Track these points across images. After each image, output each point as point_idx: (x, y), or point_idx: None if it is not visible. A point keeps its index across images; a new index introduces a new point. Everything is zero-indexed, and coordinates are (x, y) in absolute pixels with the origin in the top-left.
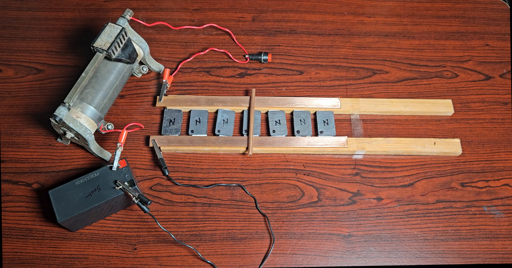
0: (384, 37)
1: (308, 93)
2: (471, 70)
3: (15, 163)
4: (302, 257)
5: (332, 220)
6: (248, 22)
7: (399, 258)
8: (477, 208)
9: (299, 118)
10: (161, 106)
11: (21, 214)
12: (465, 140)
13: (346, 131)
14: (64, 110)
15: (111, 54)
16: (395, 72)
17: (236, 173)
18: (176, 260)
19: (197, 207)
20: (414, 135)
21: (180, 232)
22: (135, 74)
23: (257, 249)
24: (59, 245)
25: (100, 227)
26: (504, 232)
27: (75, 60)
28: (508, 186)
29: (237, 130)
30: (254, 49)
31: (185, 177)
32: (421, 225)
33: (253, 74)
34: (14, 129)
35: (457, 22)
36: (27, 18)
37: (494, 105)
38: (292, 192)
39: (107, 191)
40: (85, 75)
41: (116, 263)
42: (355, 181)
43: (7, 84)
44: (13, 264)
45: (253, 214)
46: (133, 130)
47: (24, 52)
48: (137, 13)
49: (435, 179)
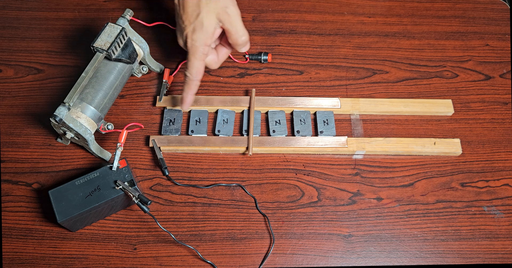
0: (384, 37)
1: (308, 93)
2: (471, 70)
3: (15, 163)
4: (302, 257)
5: (332, 220)
6: (248, 22)
7: (399, 258)
8: (477, 208)
9: (299, 118)
10: (161, 106)
11: (21, 214)
12: (465, 140)
13: (346, 131)
14: (64, 110)
15: (111, 54)
16: (395, 72)
17: (236, 173)
18: (176, 260)
19: (197, 207)
20: (414, 135)
21: (180, 232)
22: (135, 74)
23: (257, 249)
24: (59, 245)
25: (100, 227)
26: (504, 232)
27: (75, 60)
28: (508, 186)
29: (237, 130)
30: (254, 49)
31: (185, 177)
32: (421, 225)
33: (253, 74)
34: (14, 129)
35: (457, 22)
36: (27, 18)
37: (494, 105)
38: (292, 192)
39: (107, 191)
40: (85, 75)
41: (116, 263)
42: (355, 181)
43: (7, 84)
44: (13, 264)
45: (253, 214)
46: (133, 130)
47: (24, 52)
48: (137, 13)
49: (435, 179)
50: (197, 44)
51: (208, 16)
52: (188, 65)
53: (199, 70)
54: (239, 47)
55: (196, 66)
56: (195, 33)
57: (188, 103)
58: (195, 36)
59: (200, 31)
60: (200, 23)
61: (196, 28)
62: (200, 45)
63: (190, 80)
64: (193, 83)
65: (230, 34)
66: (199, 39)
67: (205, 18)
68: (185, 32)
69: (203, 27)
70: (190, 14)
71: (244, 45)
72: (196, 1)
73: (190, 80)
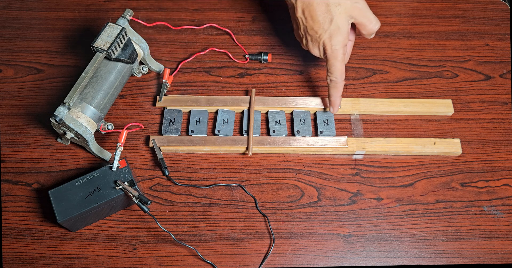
0: (384, 37)
1: (308, 93)
2: (471, 70)
3: (15, 163)
4: (302, 257)
5: (332, 220)
6: (248, 22)
7: (399, 258)
8: (477, 208)
9: (299, 118)
10: (161, 106)
11: (21, 214)
12: (465, 140)
13: (346, 131)
14: (64, 110)
15: (111, 54)
16: (395, 72)
17: (236, 173)
18: (176, 260)
19: (197, 207)
20: (414, 135)
21: (180, 232)
22: (135, 74)
23: (257, 249)
24: (59, 245)
25: (100, 227)
26: (504, 232)
27: (75, 60)
28: (508, 186)
29: (237, 130)
30: (254, 49)
31: (185, 177)
32: (421, 225)
33: (253, 74)
34: (14, 129)
35: (457, 22)
36: (27, 18)
37: (494, 105)
38: (292, 192)
39: (107, 191)
40: (85, 75)
41: (116, 263)
42: (355, 181)
43: (7, 84)
44: (13, 264)
45: (253, 214)
46: (133, 130)
47: (24, 52)
48: (137, 13)
49: (435, 179)
50: (338, 48)
51: (341, 18)
52: (332, 69)
53: (343, 72)
54: (372, 35)
55: (340, 69)
56: (333, 38)
57: (338, 105)
58: (334, 41)
59: (338, 34)
60: (336, 27)
61: (333, 33)
62: (340, 48)
63: (337, 83)
64: (341, 85)
65: (365, 25)
66: (339, 42)
67: (340, 21)
68: (321, 41)
69: (340, 30)
70: (323, 22)
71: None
72: (325, 8)
73: (337, 83)
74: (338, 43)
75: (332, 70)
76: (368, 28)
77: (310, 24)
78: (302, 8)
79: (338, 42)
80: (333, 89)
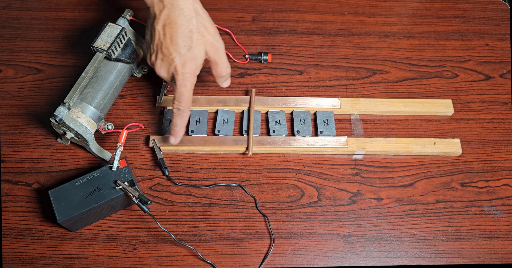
0: (384, 37)
1: (308, 93)
2: (471, 70)
3: (15, 163)
4: (302, 257)
5: (332, 220)
6: (248, 22)
7: (399, 258)
8: (477, 208)
9: (299, 118)
10: (161, 106)
11: (21, 214)
12: (465, 140)
13: (346, 131)
14: (64, 110)
15: (111, 54)
16: (395, 72)
17: (236, 173)
18: (176, 260)
19: (197, 207)
20: (414, 135)
21: (180, 232)
22: (135, 74)
23: (257, 249)
24: (59, 245)
25: (100, 227)
26: (504, 232)
27: (75, 60)
28: (508, 186)
29: (237, 130)
30: (254, 49)
31: (185, 177)
32: (421, 225)
33: (253, 74)
34: (14, 129)
35: (457, 22)
36: (27, 18)
37: (494, 105)
38: (292, 192)
39: (107, 191)
40: (85, 75)
41: (116, 263)
42: (355, 181)
43: (7, 84)
44: (13, 264)
45: (253, 214)
46: (133, 130)
47: (24, 52)
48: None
49: (435, 179)
50: (189, 76)
51: (200, 49)
52: (180, 98)
53: (190, 101)
54: (222, 79)
55: (188, 98)
56: (187, 65)
57: (181, 136)
58: (187, 69)
59: (192, 63)
60: (193, 55)
61: (188, 61)
62: (191, 77)
63: (184, 112)
64: (187, 115)
65: (216, 65)
66: (191, 70)
67: (197, 51)
68: (173, 65)
69: (195, 60)
70: (181, 46)
71: (227, 78)
72: (188, 33)
73: (184, 112)
74: (191, 72)
75: (181, 99)
76: (218, 68)
77: (167, 42)
78: (164, 22)
79: (190, 71)
80: (178, 119)
